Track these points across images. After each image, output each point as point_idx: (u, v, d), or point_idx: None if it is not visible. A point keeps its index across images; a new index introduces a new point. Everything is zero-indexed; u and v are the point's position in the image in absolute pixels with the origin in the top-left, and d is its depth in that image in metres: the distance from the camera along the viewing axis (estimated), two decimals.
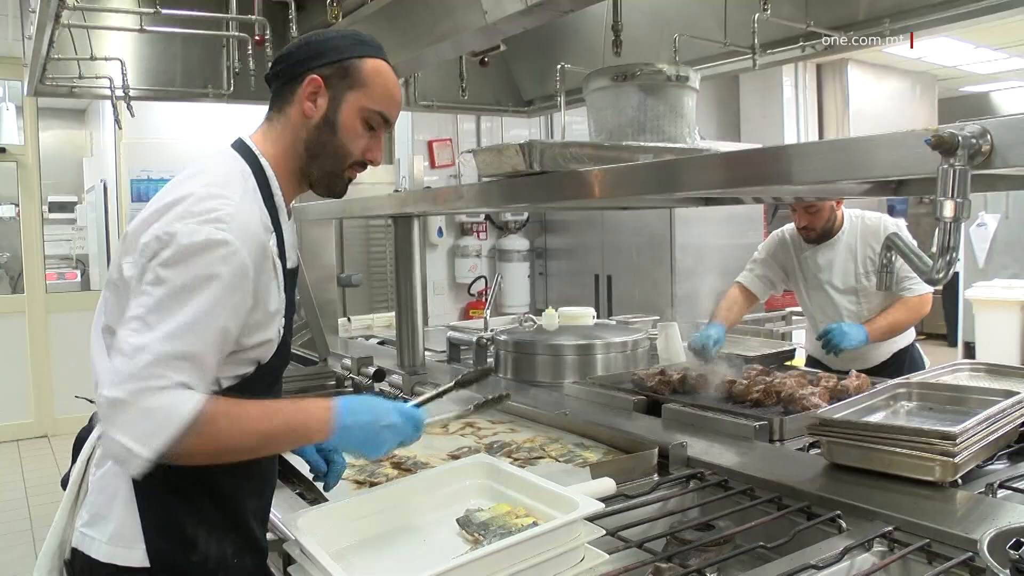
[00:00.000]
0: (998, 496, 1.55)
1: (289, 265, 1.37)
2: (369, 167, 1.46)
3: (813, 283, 3.09)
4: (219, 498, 1.31)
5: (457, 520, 1.33)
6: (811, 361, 3.20)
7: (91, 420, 1.42)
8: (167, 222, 1.21)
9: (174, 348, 1.15)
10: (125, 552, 1.25)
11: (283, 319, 1.35)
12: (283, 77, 1.39)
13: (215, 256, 1.19)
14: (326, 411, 1.28)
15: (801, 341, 3.75)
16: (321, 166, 1.39)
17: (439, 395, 1.63)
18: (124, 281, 1.25)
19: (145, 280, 1.19)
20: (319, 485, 1.54)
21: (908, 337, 3.07)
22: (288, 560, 1.29)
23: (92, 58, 3.15)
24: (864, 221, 3.00)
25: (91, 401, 1.43)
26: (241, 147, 1.38)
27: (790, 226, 3.17)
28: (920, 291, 2.87)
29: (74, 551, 1.32)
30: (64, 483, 1.41)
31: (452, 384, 1.68)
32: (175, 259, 1.18)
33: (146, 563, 1.25)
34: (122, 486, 1.27)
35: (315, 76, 1.35)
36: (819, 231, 3.00)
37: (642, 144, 1.97)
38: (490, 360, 3.10)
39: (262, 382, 1.35)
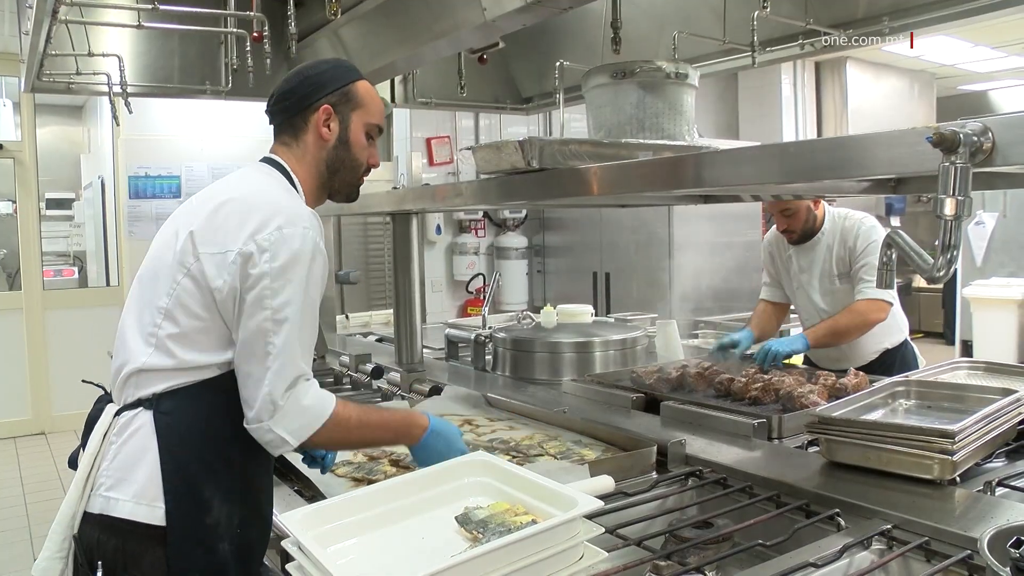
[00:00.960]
0: (996, 494, 1.55)
1: None
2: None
3: (796, 283, 3.09)
4: (234, 468, 1.44)
5: (456, 518, 1.32)
6: (804, 359, 3.20)
7: (98, 402, 1.51)
8: (269, 232, 1.40)
9: (306, 343, 1.43)
10: (146, 509, 1.37)
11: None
12: (291, 111, 1.60)
13: (320, 260, 1.44)
14: (423, 428, 1.62)
15: None
16: (342, 179, 1.63)
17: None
18: (204, 278, 1.40)
19: (264, 285, 1.38)
20: (315, 471, 1.71)
21: (897, 336, 3.06)
22: (286, 557, 1.28)
23: (90, 54, 3.14)
24: (845, 222, 2.97)
25: (98, 385, 1.52)
26: (278, 166, 1.59)
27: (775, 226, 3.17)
28: (869, 295, 2.82)
29: (89, 517, 1.40)
30: (72, 463, 1.50)
31: None
32: (290, 265, 1.39)
33: (163, 522, 1.36)
34: (151, 448, 1.39)
35: (327, 105, 1.58)
36: (799, 232, 2.98)
37: (641, 141, 1.96)
38: (488, 358, 3.10)
39: None
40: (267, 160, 1.61)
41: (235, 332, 1.41)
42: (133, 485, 1.38)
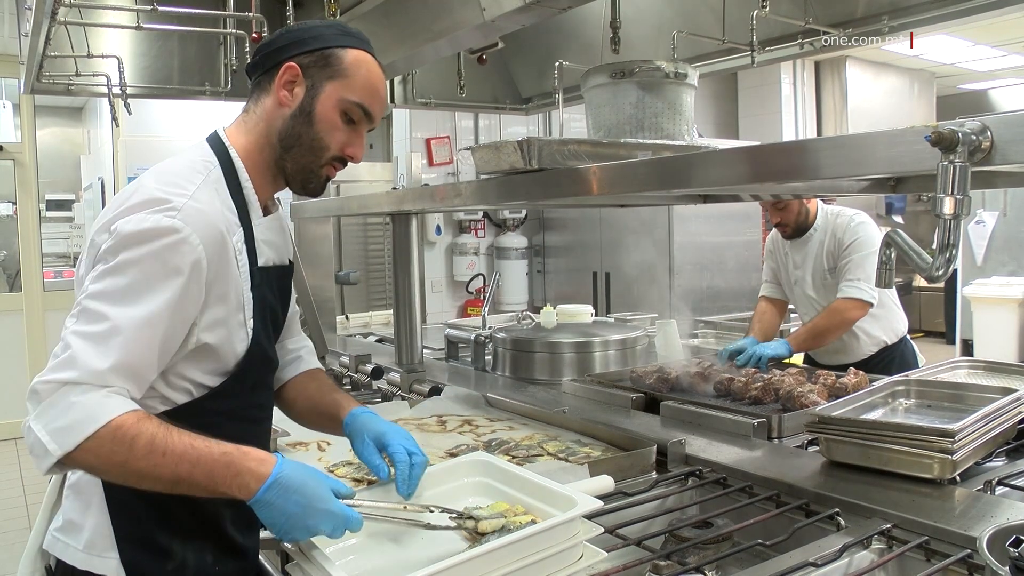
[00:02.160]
0: (996, 493, 1.55)
1: (261, 262, 1.32)
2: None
3: (793, 279, 3.12)
4: (192, 505, 1.24)
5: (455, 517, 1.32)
6: (805, 357, 3.20)
7: None
8: (116, 216, 1.19)
9: (112, 346, 1.11)
10: (99, 561, 1.23)
11: (252, 320, 1.29)
12: (262, 66, 1.34)
13: (164, 243, 1.15)
14: (258, 479, 1.13)
15: None
16: (296, 159, 1.33)
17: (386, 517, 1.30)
18: (80, 280, 1.23)
19: (92, 271, 1.18)
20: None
21: (894, 333, 3.06)
22: (286, 558, 1.28)
23: (89, 55, 3.14)
24: (837, 219, 2.98)
25: None
26: (213, 139, 1.34)
27: None
28: (848, 294, 2.82)
29: (49, 555, 1.30)
30: None
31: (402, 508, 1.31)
32: (119, 248, 1.15)
33: (122, 573, 1.22)
34: (95, 494, 1.24)
35: (292, 64, 1.30)
36: (793, 226, 3.00)
37: (640, 141, 1.96)
38: (488, 358, 3.10)
39: (236, 389, 1.30)
40: (211, 137, 1.36)
41: None
42: (84, 533, 1.23)
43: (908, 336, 3.14)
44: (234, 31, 2.96)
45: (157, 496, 1.16)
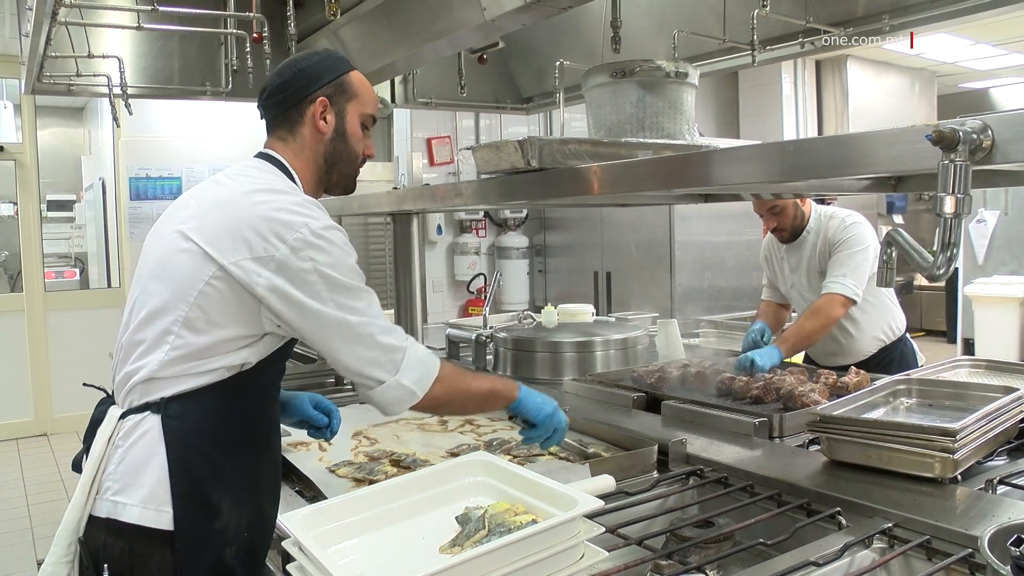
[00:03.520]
0: (998, 492, 1.55)
1: None
2: (368, 164, 1.67)
3: (790, 283, 3.10)
4: (243, 473, 1.43)
5: (456, 518, 1.33)
6: (805, 358, 3.20)
7: (100, 405, 1.49)
8: (292, 216, 1.40)
9: (372, 301, 1.46)
10: (154, 514, 1.35)
11: None
12: (285, 104, 1.57)
13: (338, 237, 1.45)
14: (515, 386, 1.68)
15: None
16: (340, 171, 1.61)
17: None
18: (234, 284, 1.38)
19: (305, 269, 1.38)
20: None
21: (893, 332, 3.06)
22: (287, 558, 1.28)
23: (90, 56, 3.14)
24: (831, 221, 2.96)
25: (100, 388, 1.55)
26: (278, 163, 1.56)
27: None
28: (829, 290, 2.79)
29: (95, 520, 1.38)
30: (76, 466, 1.49)
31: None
32: (322, 248, 1.40)
33: (171, 527, 1.34)
34: (158, 454, 1.36)
35: (323, 97, 1.55)
36: (789, 230, 2.99)
37: (641, 141, 1.96)
38: (489, 357, 3.10)
39: (275, 368, 1.50)
40: (263, 156, 1.58)
41: (291, 330, 1.43)
42: (141, 490, 1.36)
43: (907, 334, 3.14)
44: (235, 31, 2.96)
45: (216, 458, 1.39)
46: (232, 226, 1.40)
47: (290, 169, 1.55)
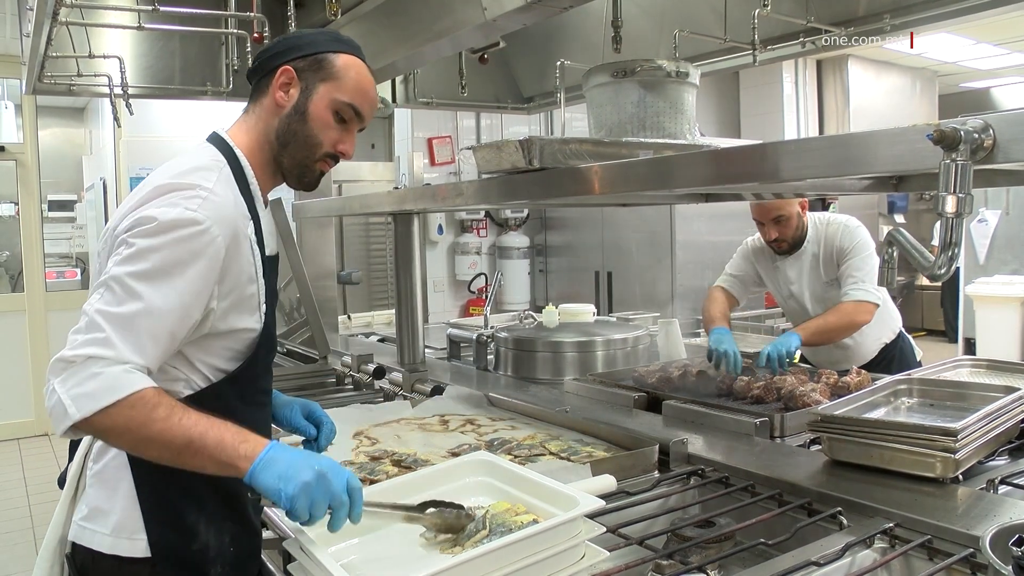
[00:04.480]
0: (999, 492, 1.55)
1: (268, 252, 1.40)
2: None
3: (785, 293, 3.04)
4: (221, 489, 1.32)
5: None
6: (801, 359, 3.18)
7: None
8: (143, 208, 1.26)
9: (135, 328, 1.18)
10: (127, 543, 1.28)
11: (264, 306, 1.37)
12: (261, 71, 1.44)
13: (186, 233, 1.22)
14: (264, 443, 1.19)
15: None
16: (292, 155, 1.42)
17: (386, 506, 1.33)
18: (97, 274, 1.28)
19: (115, 255, 1.23)
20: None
21: (891, 331, 3.04)
22: (287, 558, 1.28)
23: (90, 56, 3.14)
24: (827, 228, 2.91)
25: None
26: (216, 139, 1.43)
27: (756, 236, 3.09)
28: (855, 297, 2.76)
29: (74, 545, 1.34)
30: (61, 482, 1.43)
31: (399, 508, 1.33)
32: (144, 235, 1.22)
33: (148, 553, 1.28)
34: (124, 479, 1.29)
35: (288, 67, 1.40)
36: (790, 241, 2.91)
37: (642, 140, 1.96)
38: (490, 357, 3.10)
39: (250, 373, 1.38)
40: (212, 137, 1.43)
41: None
42: (111, 517, 1.29)
43: (904, 331, 3.13)
44: (235, 31, 2.96)
45: (186, 478, 1.23)
46: (116, 220, 1.31)
47: (233, 147, 1.40)
